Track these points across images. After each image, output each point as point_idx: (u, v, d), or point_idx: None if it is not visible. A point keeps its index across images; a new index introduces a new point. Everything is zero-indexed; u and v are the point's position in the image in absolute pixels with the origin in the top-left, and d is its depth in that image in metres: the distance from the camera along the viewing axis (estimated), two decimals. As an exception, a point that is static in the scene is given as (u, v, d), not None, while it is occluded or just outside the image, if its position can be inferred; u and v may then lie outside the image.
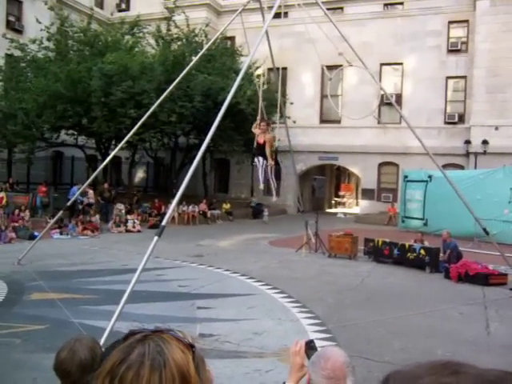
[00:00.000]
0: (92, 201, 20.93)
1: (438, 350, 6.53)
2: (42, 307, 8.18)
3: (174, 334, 0.91)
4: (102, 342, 5.50)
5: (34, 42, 22.09)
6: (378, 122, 26.26)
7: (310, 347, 2.35)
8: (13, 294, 9.09)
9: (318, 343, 2.44)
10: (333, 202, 35.95)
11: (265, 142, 10.95)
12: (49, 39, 22.82)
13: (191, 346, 0.91)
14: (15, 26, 25.86)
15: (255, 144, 11.15)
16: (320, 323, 7.73)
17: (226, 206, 25.55)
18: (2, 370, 5.59)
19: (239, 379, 5.53)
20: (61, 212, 14.23)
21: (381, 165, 28.32)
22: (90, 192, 20.53)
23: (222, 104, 8.65)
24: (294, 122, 24.78)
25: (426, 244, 13.60)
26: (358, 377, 2.08)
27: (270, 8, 11.25)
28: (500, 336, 7.46)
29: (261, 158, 11.06)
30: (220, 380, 5.14)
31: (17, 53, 22.80)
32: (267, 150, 10.92)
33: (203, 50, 14.05)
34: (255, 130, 11.13)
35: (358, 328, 7.59)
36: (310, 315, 8.17)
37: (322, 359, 2.11)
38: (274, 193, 11.96)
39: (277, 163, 18.22)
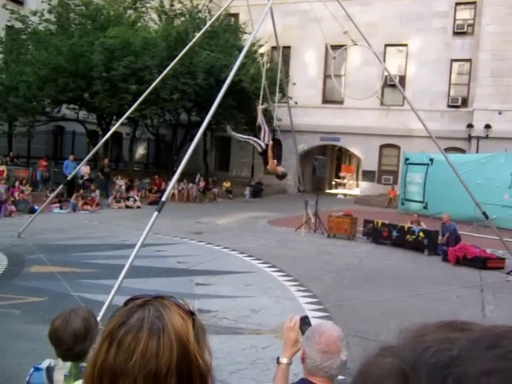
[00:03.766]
0: (86, 176, 20.72)
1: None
2: (42, 280, 8.24)
3: (175, 300, 0.92)
4: (100, 315, 5.55)
5: (34, 14, 21.80)
6: (381, 103, 26.11)
7: (304, 323, 2.37)
8: (13, 267, 9.15)
9: (314, 322, 2.46)
10: (333, 182, 35.93)
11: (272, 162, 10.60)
12: (50, 12, 22.52)
13: (191, 314, 0.91)
14: (16, -4, 25.49)
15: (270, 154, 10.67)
16: (317, 302, 7.79)
17: (227, 185, 25.57)
18: (2, 340, 5.66)
19: (236, 355, 5.59)
20: (61, 186, 14.24)
21: (382, 147, 28.24)
22: (83, 169, 19.78)
23: (224, 82, 8.59)
24: (296, 103, 24.65)
25: (423, 226, 13.68)
26: (353, 355, 2.10)
27: (275, -16, 11.09)
28: (495, 319, 7.53)
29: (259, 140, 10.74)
30: (217, 355, 5.19)
31: (17, 25, 22.53)
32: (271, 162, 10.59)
33: (206, 27, 13.89)
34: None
35: (354, 307, 7.66)
36: (307, 294, 8.23)
37: (316, 334, 2.13)
38: (235, 134, 11.82)
39: (279, 143, 18.24)
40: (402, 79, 26.53)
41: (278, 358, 2.34)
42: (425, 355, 0.50)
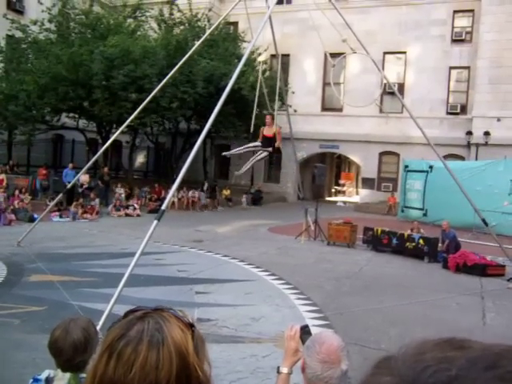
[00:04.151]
0: (86, 184, 20.73)
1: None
2: (41, 289, 8.22)
3: (174, 312, 0.92)
4: (99, 324, 5.53)
5: (35, 23, 21.92)
6: (380, 111, 26.17)
7: (304, 332, 2.36)
8: (12, 276, 9.12)
9: (314, 330, 2.46)
10: (333, 190, 35.94)
11: (274, 135, 11.00)
12: (50, 21, 22.64)
13: (191, 326, 0.92)
14: (16, 6, 25.59)
15: (261, 137, 11.22)
16: (317, 310, 7.77)
17: (226, 193, 25.59)
18: (2, 349, 5.64)
19: (236, 364, 5.57)
20: (60, 195, 14.24)
21: (382, 154, 28.27)
22: (82, 177, 19.31)
23: (223, 90, 8.62)
24: (295, 110, 24.71)
25: (422, 232, 13.68)
26: (354, 364, 2.09)
27: (274, -7, 11.15)
28: (496, 326, 7.51)
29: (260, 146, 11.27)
30: (217, 364, 5.18)
31: (18, 34, 22.64)
32: (277, 142, 11.05)
33: (205, 35, 13.95)
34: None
35: (355, 315, 7.64)
36: (307, 302, 8.21)
37: (316, 343, 2.12)
38: (242, 169, 12.28)
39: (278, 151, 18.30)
40: (401, 87, 26.63)
41: (279, 368, 2.33)
42: (423, 375, 0.49)
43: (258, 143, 11.29)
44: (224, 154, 12.68)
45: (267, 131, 11.11)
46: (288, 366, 2.31)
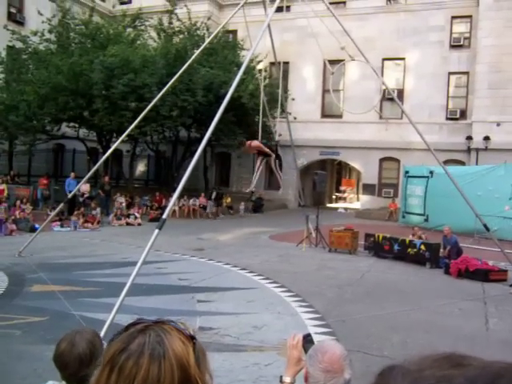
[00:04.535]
0: (87, 194, 20.73)
1: (437, 345, 6.54)
2: (43, 299, 8.20)
3: (175, 325, 0.92)
4: (102, 334, 5.51)
5: (35, 33, 22.04)
6: (380, 117, 26.22)
7: (307, 341, 2.35)
8: (13, 286, 9.11)
9: (317, 338, 2.45)
10: (334, 196, 35.92)
11: (260, 149, 11.31)
12: (50, 31, 22.78)
13: (192, 338, 0.91)
14: (16, 17, 25.75)
15: (257, 156, 11.57)
16: (319, 317, 7.75)
17: (227, 200, 25.58)
18: (3, 360, 5.62)
19: (238, 372, 5.54)
20: (61, 205, 14.25)
21: (382, 160, 28.28)
22: (83, 187, 19.17)
23: (223, 98, 8.65)
24: (295, 118, 24.74)
25: (424, 238, 13.67)
26: (356, 372, 2.08)
27: (273, 2, 11.22)
28: (499, 331, 7.48)
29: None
30: (219, 373, 5.15)
31: (18, 45, 22.76)
32: (266, 151, 11.33)
33: (205, 44, 14.01)
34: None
35: (357, 322, 7.61)
36: (309, 309, 8.19)
37: (319, 352, 2.11)
38: (252, 185, 12.44)
39: (278, 158, 18.36)
40: (400, 93, 26.68)
41: (281, 377, 2.32)
42: None
43: (261, 159, 11.59)
44: (248, 190, 13.08)
45: (253, 151, 11.50)
46: (291, 376, 2.30)
